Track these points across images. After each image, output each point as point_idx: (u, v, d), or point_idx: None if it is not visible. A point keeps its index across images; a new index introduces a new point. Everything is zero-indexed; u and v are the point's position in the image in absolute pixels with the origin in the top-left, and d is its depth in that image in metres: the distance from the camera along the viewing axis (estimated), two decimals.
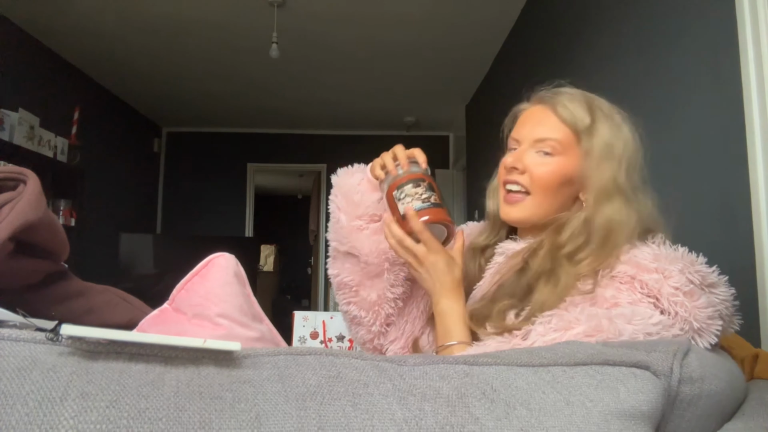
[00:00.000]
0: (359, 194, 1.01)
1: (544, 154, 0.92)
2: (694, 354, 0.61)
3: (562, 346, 0.61)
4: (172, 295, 0.64)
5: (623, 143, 0.90)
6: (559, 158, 0.91)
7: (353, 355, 0.51)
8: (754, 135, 1.32)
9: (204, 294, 0.62)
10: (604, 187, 0.87)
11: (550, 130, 0.92)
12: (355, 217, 1.01)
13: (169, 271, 4.30)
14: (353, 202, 1.01)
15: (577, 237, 0.86)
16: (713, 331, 0.74)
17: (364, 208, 1.01)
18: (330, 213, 1.06)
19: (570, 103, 0.92)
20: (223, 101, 5.47)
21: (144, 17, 3.68)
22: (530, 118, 0.96)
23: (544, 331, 0.75)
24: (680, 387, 0.58)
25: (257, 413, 0.41)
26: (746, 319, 1.27)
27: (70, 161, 4.13)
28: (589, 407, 0.50)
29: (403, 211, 0.90)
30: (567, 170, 0.91)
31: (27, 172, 0.72)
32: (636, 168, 0.90)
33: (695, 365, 0.60)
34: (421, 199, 0.90)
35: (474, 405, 0.48)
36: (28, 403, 0.38)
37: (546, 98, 0.95)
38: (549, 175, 0.91)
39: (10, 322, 0.59)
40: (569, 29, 2.71)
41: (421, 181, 0.92)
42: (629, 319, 0.72)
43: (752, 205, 1.33)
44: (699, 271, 0.77)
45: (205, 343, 0.44)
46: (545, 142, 0.92)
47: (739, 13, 1.40)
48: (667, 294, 0.74)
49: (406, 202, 0.90)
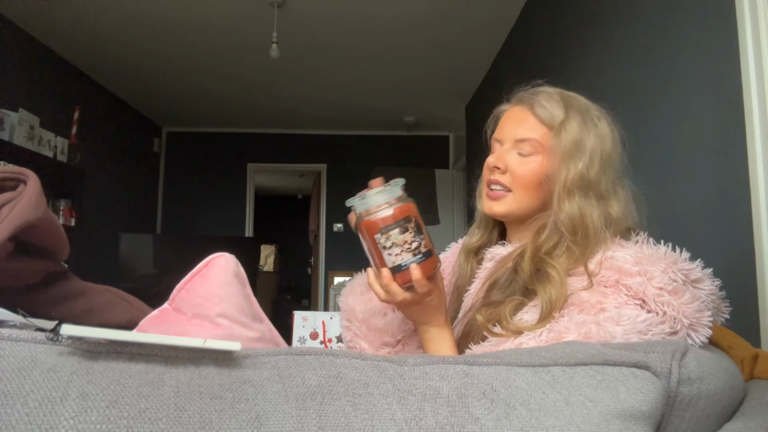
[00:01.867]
0: (382, 319, 0.95)
1: (524, 154, 0.94)
2: (692, 354, 0.61)
3: (561, 346, 0.61)
4: (172, 295, 0.64)
5: (596, 138, 0.91)
6: (537, 157, 0.93)
7: (353, 355, 0.51)
8: (754, 135, 1.32)
9: (204, 294, 0.62)
10: (567, 183, 0.88)
11: (528, 130, 0.94)
12: (381, 345, 0.95)
13: (169, 271, 4.30)
14: (377, 328, 0.95)
15: (551, 236, 0.89)
16: (705, 323, 0.75)
17: (391, 334, 0.94)
18: (343, 340, 1.00)
19: (547, 103, 0.94)
20: (223, 101, 5.47)
21: (144, 17, 3.68)
22: (510, 119, 0.98)
23: (536, 345, 0.74)
24: (679, 387, 0.58)
25: (257, 413, 0.41)
26: (746, 319, 1.28)
27: (70, 161, 4.13)
28: (589, 407, 0.51)
29: (394, 265, 0.79)
30: (546, 169, 0.93)
31: (27, 172, 0.72)
32: (612, 164, 0.91)
33: (693, 365, 0.60)
34: (412, 251, 0.78)
35: (474, 405, 0.48)
36: (28, 403, 0.38)
37: (524, 99, 0.97)
38: (529, 174, 0.93)
39: (11, 322, 0.59)
40: (569, 29, 2.71)
41: (408, 222, 0.78)
42: (617, 321, 0.72)
43: (752, 205, 1.33)
44: (682, 269, 0.78)
45: (206, 343, 0.44)
46: (525, 142, 0.94)
47: (739, 13, 1.40)
48: (652, 295, 0.75)
49: (395, 254, 0.78)
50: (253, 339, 0.65)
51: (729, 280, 0.84)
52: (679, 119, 1.70)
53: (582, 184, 0.88)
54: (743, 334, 1.07)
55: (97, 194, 4.74)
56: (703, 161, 1.58)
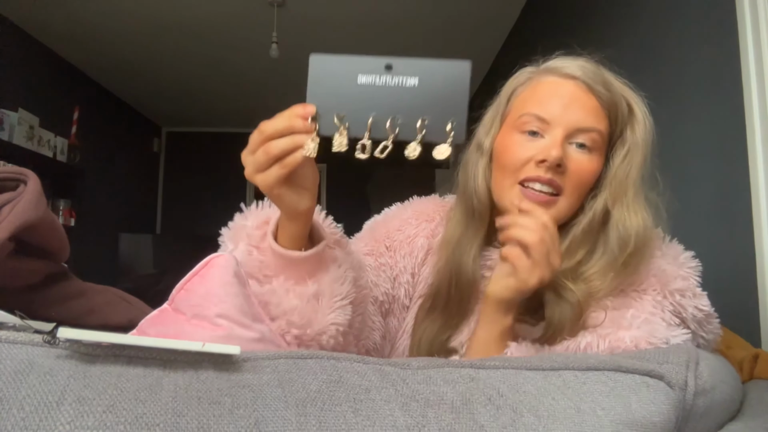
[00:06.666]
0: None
1: (580, 147, 0.75)
2: (703, 362, 0.60)
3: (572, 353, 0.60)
4: (171, 296, 0.64)
5: (652, 136, 0.78)
6: (596, 155, 0.76)
7: (355, 359, 0.50)
8: (755, 135, 1.32)
9: (203, 294, 0.62)
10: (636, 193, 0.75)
11: (595, 119, 0.75)
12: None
13: (168, 271, 4.29)
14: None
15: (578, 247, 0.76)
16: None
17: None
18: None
19: (610, 86, 0.77)
20: (223, 101, 5.46)
21: (144, 17, 3.68)
22: (566, 97, 0.76)
23: None
24: (695, 400, 0.57)
25: (256, 419, 0.41)
26: (746, 319, 1.27)
27: (69, 161, 4.13)
28: (600, 415, 0.48)
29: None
30: (600, 168, 0.78)
31: (27, 172, 0.72)
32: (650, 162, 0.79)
33: (706, 375, 0.59)
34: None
35: (479, 411, 0.46)
36: (24, 407, 0.37)
37: (584, 75, 0.77)
38: (589, 177, 0.76)
39: (8, 324, 0.58)
40: (569, 29, 2.70)
41: None
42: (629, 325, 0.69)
43: (752, 205, 1.32)
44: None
45: (204, 346, 0.44)
46: (588, 134, 0.75)
47: (739, 13, 1.39)
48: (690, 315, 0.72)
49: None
50: (253, 340, 0.65)
51: (729, 280, 0.84)
52: (679, 119, 1.70)
53: (639, 188, 0.76)
54: (743, 334, 1.07)
55: (96, 194, 4.74)
56: (703, 161, 1.57)
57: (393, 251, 0.90)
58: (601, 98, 0.76)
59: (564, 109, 0.75)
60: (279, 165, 0.60)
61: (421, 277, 0.90)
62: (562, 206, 0.76)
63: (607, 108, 0.76)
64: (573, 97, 0.76)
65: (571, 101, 0.76)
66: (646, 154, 0.77)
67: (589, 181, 0.76)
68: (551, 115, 0.76)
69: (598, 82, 0.76)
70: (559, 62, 0.81)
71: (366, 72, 0.61)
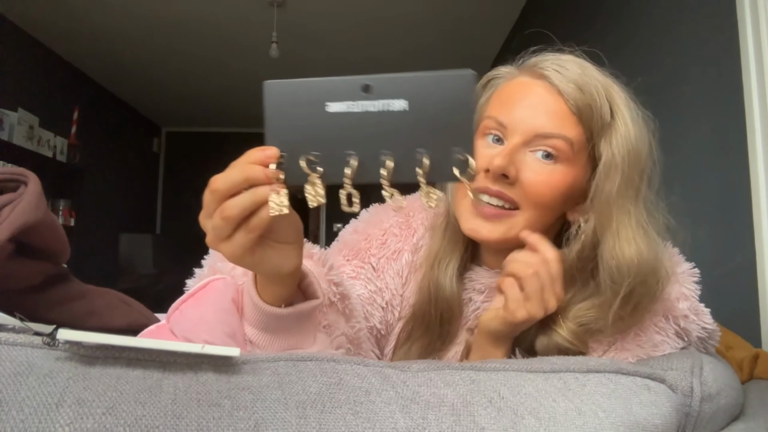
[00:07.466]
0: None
1: (545, 156, 0.66)
2: (707, 367, 0.60)
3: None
4: (168, 313, 0.63)
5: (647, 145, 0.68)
6: (564, 166, 0.66)
7: (355, 361, 0.50)
8: (755, 134, 1.32)
9: (195, 320, 0.60)
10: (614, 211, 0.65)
11: (560, 124, 0.65)
12: None
13: (168, 271, 4.29)
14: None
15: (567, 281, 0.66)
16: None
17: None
18: None
19: (585, 87, 0.66)
20: (223, 101, 5.46)
21: (144, 17, 3.68)
22: (528, 98, 0.68)
23: None
24: (702, 406, 0.56)
25: (256, 421, 0.41)
26: (746, 319, 1.27)
27: (69, 161, 4.13)
28: (601, 417, 0.48)
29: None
30: (572, 181, 0.67)
31: (27, 173, 0.71)
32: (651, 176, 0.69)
33: (711, 380, 0.59)
34: None
35: (480, 413, 0.46)
36: (24, 409, 0.37)
37: (552, 73, 0.67)
38: (550, 190, 0.66)
39: (8, 326, 0.58)
40: (569, 29, 2.70)
41: None
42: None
43: (752, 205, 1.32)
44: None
45: (203, 348, 0.44)
46: (551, 140, 0.65)
47: (740, 13, 1.39)
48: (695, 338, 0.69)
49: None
50: None
51: (729, 280, 0.84)
52: (679, 119, 1.70)
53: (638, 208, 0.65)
54: (743, 334, 1.07)
55: (96, 194, 4.74)
56: (703, 161, 1.57)
57: (381, 271, 0.81)
58: (570, 101, 0.65)
59: (525, 112, 0.67)
60: (244, 230, 0.48)
61: (404, 297, 0.81)
62: (518, 222, 0.67)
63: (578, 112, 0.65)
64: (539, 99, 0.67)
65: (536, 104, 0.67)
66: (631, 170, 0.65)
67: (553, 196, 0.66)
68: (510, 120, 0.67)
69: (569, 82, 0.66)
70: (534, 59, 0.72)
71: (338, 98, 0.46)
